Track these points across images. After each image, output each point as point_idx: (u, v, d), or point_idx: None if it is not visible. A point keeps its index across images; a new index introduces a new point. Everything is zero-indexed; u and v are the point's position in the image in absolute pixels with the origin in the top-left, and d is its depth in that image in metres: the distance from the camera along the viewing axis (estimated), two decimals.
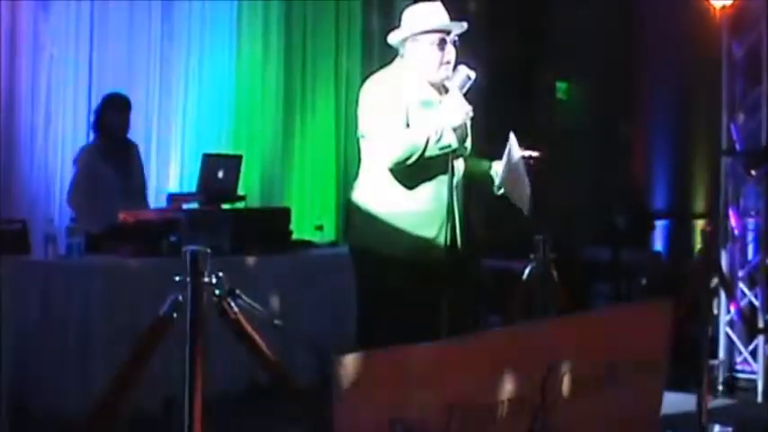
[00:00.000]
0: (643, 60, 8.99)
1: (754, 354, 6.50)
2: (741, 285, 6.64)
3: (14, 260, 5.19)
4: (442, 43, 3.93)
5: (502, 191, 4.11)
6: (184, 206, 5.98)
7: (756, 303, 6.57)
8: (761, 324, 6.46)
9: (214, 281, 2.76)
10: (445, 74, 3.96)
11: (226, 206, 6.12)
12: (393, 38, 4.01)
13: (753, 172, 6.55)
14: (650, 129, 9.40)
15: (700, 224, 8.41)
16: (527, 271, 4.57)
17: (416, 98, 3.90)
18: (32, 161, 6.45)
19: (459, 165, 4.02)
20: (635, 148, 9.51)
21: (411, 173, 3.83)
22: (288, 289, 5.81)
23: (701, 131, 8.79)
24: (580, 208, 8.45)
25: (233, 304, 2.77)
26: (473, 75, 3.94)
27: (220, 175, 5.97)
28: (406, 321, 3.69)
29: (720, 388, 6.44)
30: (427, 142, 3.80)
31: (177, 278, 2.72)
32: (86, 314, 4.99)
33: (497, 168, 4.09)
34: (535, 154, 4.08)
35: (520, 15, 8.70)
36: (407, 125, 3.85)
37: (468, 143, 4.08)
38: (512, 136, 4.03)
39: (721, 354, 6.58)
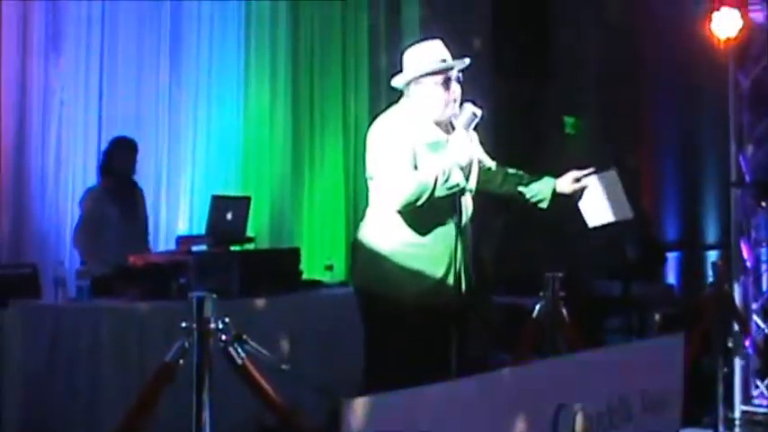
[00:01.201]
0: (650, 93, 9.00)
1: None
2: (755, 318, 6.59)
3: (24, 304, 5.19)
4: (447, 82, 3.92)
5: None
6: (193, 248, 5.96)
7: None
8: None
9: (220, 326, 2.74)
10: (451, 112, 3.95)
11: (235, 248, 6.10)
12: (397, 82, 4.02)
13: (763, 203, 6.53)
14: (659, 161, 9.39)
15: (712, 256, 8.37)
16: (537, 309, 4.54)
17: (423, 139, 3.89)
18: (43, 205, 6.50)
19: (467, 203, 4.00)
20: (644, 180, 9.50)
21: (419, 214, 3.82)
22: (298, 329, 5.78)
23: (711, 163, 8.77)
24: (590, 241, 8.41)
25: (240, 350, 2.75)
26: (479, 112, 3.93)
27: (229, 216, 5.96)
28: (414, 363, 3.66)
29: (737, 423, 6.36)
30: (435, 183, 3.79)
31: (183, 324, 2.70)
32: (95, 358, 4.96)
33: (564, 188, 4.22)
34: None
35: (527, 51, 8.73)
36: (415, 166, 3.83)
37: (474, 181, 4.06)
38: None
39: (737, 388, 6.51)
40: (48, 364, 5.07)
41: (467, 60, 3.99)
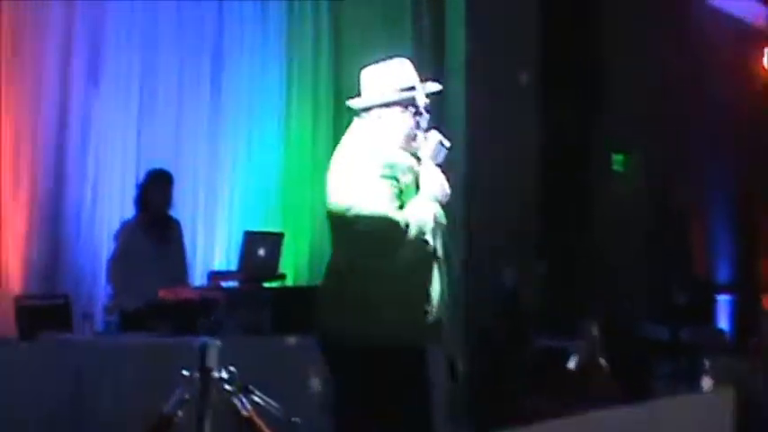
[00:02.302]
0: (700, 129, 8.79)
1: None
2: None
3: (51, 337, 5.13)
4: (415, 110, 3.55)
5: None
6: (224, 284, 5.89)
7: None
8: None
9: (225, 375, 2.60)
10: (419, 142, 3.56)
11: (267, 284, 6.01)
12: (357, 104, 3.60)
13: None
14: (710, 200, 9.15)
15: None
16: (573, 356, 4.36)
17: (397, 169, 3.44)
18: (79, 236, 6.48)
19: (439, 235, 3.55)
20: (694, 220, 9.25)
21: (395, 252, 3.40)
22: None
23: (764, 201, 8.52)
24: (636, 283, 8.19)
25: (245, 401, 2.61)
26: (447, 143, 3.57)
27: (261, 252, 5.88)
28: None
29: None
30: (416, 218, 3.40)
31: (185, 372, 2.58)
32: (119, 394, 4.88)
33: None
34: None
35: (575, 85, 8.56)
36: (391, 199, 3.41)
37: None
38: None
39: None
40: (72, 398, 4.99)
41: (436, 85, 3.67)
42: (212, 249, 7.08)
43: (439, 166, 3.55)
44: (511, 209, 7.59)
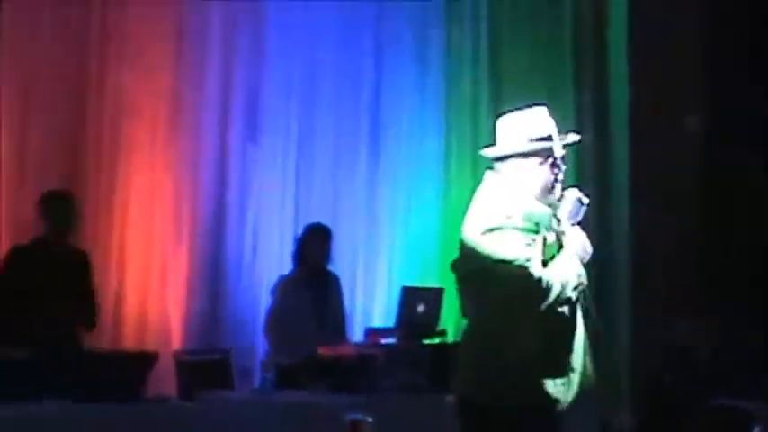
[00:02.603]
0: None
1: None
2: None
3: (207, 395, 5.09)
4: (553, 162, 3.37)
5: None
6: (383, 341, 5.77)
7: None
8: None
9: None
10: (557, 196, 3.39)
11: (426, 341, 5.84)
12: (491, 154, 3.43)
13: None
14: None
15: None
16: (756, 425, 3.96)
17: (535, 221, 3.28)
18: (239, 290, 6.53)
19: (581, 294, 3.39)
20: None
21: (535, 310, 3.24)
22: None
23: None
24: None
25: None
26: (586, 200, 3.41)
27: (421, 308, 5.76)
28: None
29: None
30: (558, 276, 3.23)
31: None
32: None
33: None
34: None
35: (746, 131, 8.10)
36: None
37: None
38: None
39: None
40: None
41: (575, 136, 3.47)
42: (371, 305, 6.99)
43: (578, 223, 3.39)
44: (679, 258, 7.26)
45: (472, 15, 7.61)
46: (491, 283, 3.25)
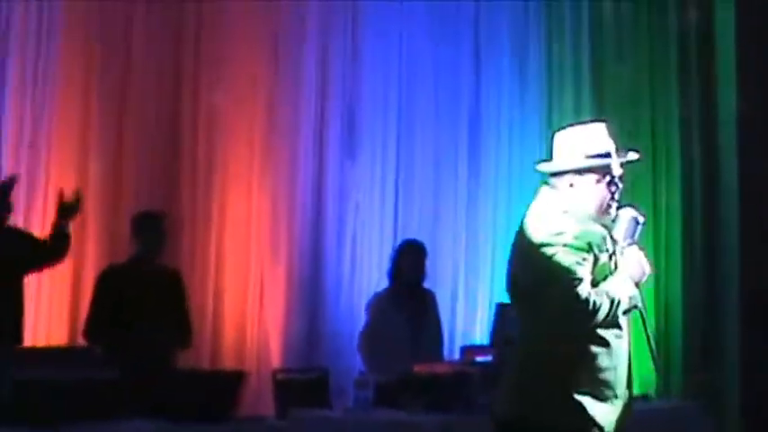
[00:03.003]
0: None
1: None
2: None
3: (300, 413, 5.04)
4: (610, 179, 3.27)
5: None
6: (478, 359, 5.62)
7: None
8: None
9: None
10: (612, 215, 3.30)
11: None
12: (546, 169, 3.35)
13: None
14: None
15: None
16: None
17: (589, 240, 3.17)
18: (338, 308, 6.50)
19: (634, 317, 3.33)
20: None
21: (582, 331, 3.15)
22: None
23: None
24: None
25: None
26: (642, 219, 3.31)
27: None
28: None
29: None
30: (609, 297, 3.13)
31: None
32: None
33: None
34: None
35: None
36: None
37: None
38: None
39: None
40: None
41: (635, 154, 3.35)
42: (472, 324, 6.88)
43: (635, 243, 3.30)
44: None
45: (572, 28, 7.47)
46: (537, 302, 3.17)
